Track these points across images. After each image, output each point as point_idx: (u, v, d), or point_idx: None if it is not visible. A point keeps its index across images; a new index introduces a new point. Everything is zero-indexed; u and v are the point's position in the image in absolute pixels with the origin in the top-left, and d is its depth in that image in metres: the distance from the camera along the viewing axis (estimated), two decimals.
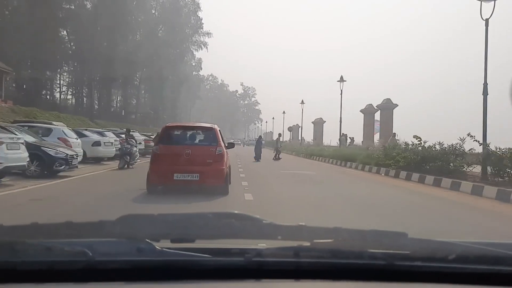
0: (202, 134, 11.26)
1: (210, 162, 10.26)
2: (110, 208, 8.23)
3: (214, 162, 10.29)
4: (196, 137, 11.28)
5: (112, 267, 1.37)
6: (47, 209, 8.25)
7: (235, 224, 1.71)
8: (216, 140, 10.65)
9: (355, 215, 8.41)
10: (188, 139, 11.19)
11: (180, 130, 11.61)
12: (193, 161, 10.21)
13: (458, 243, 1.64)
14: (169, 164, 10.20)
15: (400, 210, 9.44)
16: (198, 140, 11.21)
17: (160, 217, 1.84)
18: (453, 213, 9.51)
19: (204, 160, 10.26)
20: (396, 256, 1.46)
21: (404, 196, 12.30)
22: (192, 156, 10.29)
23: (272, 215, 5.54)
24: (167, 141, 10.75)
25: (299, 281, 1.40)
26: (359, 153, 25.30)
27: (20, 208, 8.28)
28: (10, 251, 1.41)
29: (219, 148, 10.47)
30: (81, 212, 7.89)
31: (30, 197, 9.58)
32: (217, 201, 9.42)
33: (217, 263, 1.40)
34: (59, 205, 8.85)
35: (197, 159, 10.26)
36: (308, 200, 10.27)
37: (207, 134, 11.04)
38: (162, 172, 10.22)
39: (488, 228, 7.71)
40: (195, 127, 11.79)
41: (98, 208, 8.36)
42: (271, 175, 17.29)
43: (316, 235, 1.66)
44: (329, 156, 31.00)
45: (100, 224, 1.68)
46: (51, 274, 1.35)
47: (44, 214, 7.67)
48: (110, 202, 9.13)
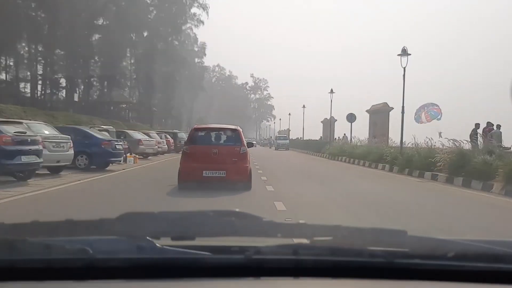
0: (227, 135, 12.37)
1: (235, 160, 11.36)
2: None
3: (239, 160, 11.40)
4: (221, 138, 12.40)
5: (112, 265, 1.37)
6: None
7: (235, 222, 1.71)
8: (240, 140, 11.85)
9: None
10: (215, 140, 12.37)
11: (207, 132, 12.82)
12: (220, 160, 11.30)
13: (457, 241, 1.64)
14: (198, 162, 11.26)
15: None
16: (224, 140, 12.30)
17: (161, 214, 1.85)
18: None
19: (230, 158, 11.33)
20: (395, 254, 1.46)
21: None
22: (219, 155, 11.41)
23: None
24: (195, 141, 12.02)
25: (299, 279, 1.40)
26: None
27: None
28: (10, 249, 1.42)
29: (243, 148, 11.63)
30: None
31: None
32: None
33: (217, 260, 1.40)
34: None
35: (223, 157, 11.33)
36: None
37: (231, 135, 12.18)
38: (192, 170, 11.25)
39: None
40: (221, 128, 13.00)
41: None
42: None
43: (315, 233, 1.67)
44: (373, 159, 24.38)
45: (100, 222, 1.68)
46: (51, 272, 1.35)
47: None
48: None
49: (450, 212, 9.42)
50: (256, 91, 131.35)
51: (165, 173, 15.08)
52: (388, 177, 18.56)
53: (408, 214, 8.71)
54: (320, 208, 8.97)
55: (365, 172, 20.98)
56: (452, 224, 7.57)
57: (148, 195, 10.59)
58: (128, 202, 9.46)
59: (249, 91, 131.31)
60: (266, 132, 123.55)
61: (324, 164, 27.71)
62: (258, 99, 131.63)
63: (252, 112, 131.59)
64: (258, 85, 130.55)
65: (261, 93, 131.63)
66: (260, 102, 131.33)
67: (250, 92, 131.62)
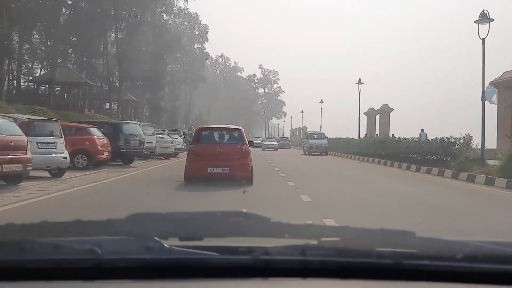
0: (230, 135, 13.26)
1: (238, 158, 12.18)
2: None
3: (241, 158, 12.23)
4: (225, 137, 13.28)
5: (120, 265, 1.38)
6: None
7: (243, 223, 1.72)
8: (242, 139, 12.72)
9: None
10: (219, 139, 13.20)
11: (212, 131, 13.65)
12: (224, 157, 12.13)
13: (466, 242, 1.63)
14: (204, 160, 12.09)
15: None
16: (227, 139, 13.18)
17: (169, 215, 1.86)
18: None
19: (233, 156, 12.16)
20: (403, 255, 1.46)
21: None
22: (223, 153, 12.25)
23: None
24: (201, 140, 12.88)
25: (306, 279, 1.40)
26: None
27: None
28: (20, 249, 1.43)
29: (245, 146, 12.51)
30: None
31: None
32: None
33: (224, 261, 1.41)
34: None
35: (227, 155, 12.15)
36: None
37: (234, 135, 13.07)
38: (198, 167, 12.07)
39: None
40: (224, 128, 14.04)
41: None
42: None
43: (323, 233, 1.66)
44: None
45: (109, 223, 1.69)
46: (60, 272, 1.36)
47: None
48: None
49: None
50: (265, 84, 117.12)
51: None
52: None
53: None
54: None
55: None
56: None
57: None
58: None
59: (257, 84, 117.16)
60: (276, 131, 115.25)
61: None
62: (267, 94, 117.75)
63: (260, 107, 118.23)
64: (268, 77, 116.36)
65: (271, 87, 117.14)
66: (269, 97, 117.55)
67: (258, 86, 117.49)
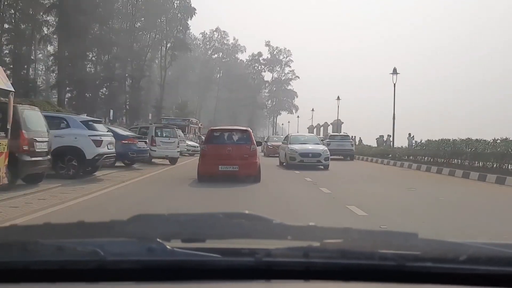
0: (239, 135, 14.27)
1: (246, 157, 13.25)
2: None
3: (250, 157, 13.34)
4: (234, 137, 14.27)
5: (123, 267, 1.38)
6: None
7: (245, 224, 1.72)
8: (250, 139, 13.83)
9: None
10: (228, 139, 14.24)
11: (222, 132, 14.81)
12: (233, 156, 13.17)
13: (469, 244, 1.63)
14: (215, 159, 13.16)
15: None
16: (236, 139, 14.15)
17: (171, 217, 1.86)
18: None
19: (242, 155, 13.19)
20: (406, 256, 1.45)
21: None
22: (232, 152, 13.33)
23: None
24: (212, 141, 14.06)
25: (309, 281, 1.40)
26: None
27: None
28: (23, 251, 1.44)
29: (253, 146, 13.65)
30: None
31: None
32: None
33: (227, 263, 1.40)
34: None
35: (236, 154, 13.18)
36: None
37: (243, 135, 14.15)
38: (209, 165, 13.20)
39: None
40: (234, 130, 15.22)
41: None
42: None
43: (326, 235, 1.66)
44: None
45: (111, 224, 1.69)
46: (63, 274, 1.36)
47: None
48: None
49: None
50: (274, 67, 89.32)
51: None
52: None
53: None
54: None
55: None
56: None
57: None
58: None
59: (263, 66, 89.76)
60: (281, 131, 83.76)
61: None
62: (276, 81, 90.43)
63: (266, 98, 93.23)
64: (277, 57, 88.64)
65: (281, 71, 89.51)
66: (279, 84, 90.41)
67: (264, 68, 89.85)
